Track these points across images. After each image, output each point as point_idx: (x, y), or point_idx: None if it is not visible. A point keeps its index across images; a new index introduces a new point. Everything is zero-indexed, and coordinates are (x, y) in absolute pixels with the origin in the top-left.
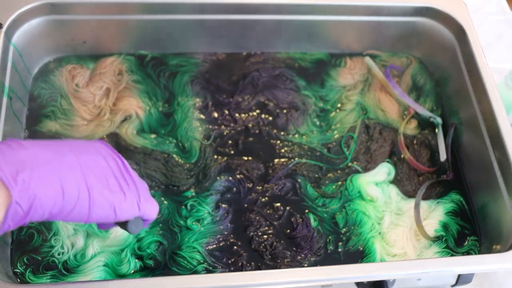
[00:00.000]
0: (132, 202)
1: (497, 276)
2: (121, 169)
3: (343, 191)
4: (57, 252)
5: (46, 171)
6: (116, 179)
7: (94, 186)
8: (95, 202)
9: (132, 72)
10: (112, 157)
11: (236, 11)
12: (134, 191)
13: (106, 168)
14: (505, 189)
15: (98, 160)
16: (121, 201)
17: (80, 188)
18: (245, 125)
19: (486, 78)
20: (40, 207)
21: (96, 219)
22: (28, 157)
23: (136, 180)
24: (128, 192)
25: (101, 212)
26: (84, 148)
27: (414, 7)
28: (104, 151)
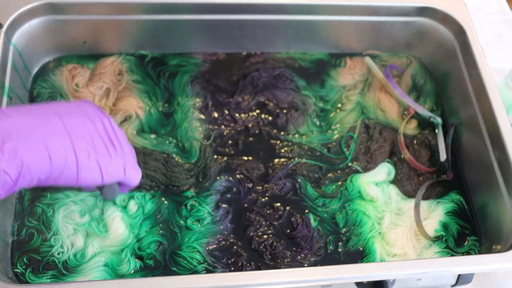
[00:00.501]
0: (118, 165)
1: (497, 276)
2: (108, 131)
3: (343, 191)
4: (57, 252)
5: (32, 138)
6: (103, 142)
7: (81, 150)
8: (82, 166)
9: (132, 72)
10: (99, 118)
11: (236, 11)
12: (121, 154)
13: (93, 130)
14: (505, 189)
15: (85, 123)
16: (107, 164)
17: (67, 152)
18: (245, 125)
19: (486, 78)
20: (28, 174)
21: (84, 182)
22: (13, 125)
23: (123, 143)
24: (115, 155)
25: (88, 175)
26: (70, 111)
27: (414, 7)
28: (91, 112)
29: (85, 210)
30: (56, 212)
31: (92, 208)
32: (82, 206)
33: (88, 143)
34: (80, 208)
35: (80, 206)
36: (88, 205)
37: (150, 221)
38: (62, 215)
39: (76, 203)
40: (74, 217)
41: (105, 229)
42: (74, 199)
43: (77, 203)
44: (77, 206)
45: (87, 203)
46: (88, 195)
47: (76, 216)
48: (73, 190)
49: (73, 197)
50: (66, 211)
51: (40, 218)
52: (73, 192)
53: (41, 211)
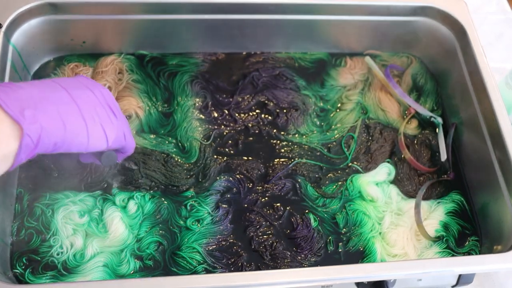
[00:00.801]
0: (119, 131)
1: (498, 276)
2: (107, 100)
3: (343, 191)
4: (56, 252)
5: (46, 106)
6: (105, 110)
7: (88, 117)
8: (91, 132)
9: (132, 72)
10: (98, 89)
11: (236, 11)
12: (122, 121)
13: (94, 100)
14: (506, 189)
15: (87, 93)
16: (111, 130)
17: (78, 120)
18: (245, 125)
19: (486, 78)
20: (47, 138)
21: (93, 148)
22: (28, 95)
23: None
24: (116, 122)
25: (96, 141)
26: (72, 84)
27: (414, 7)
28: (90, 84)
29: (84, 210)
30: (55, 213)
31: (91, 208)
32: (81, 206)
33: (92, 111)
34: (80, 208)
35: (80, 207)
36: (88, 205)
37: (149, 221)
38: (62, 216)
39: (75, 203)
40: (73, 218)
41: (105, 230)
42: (73, 199)
43: (76, 203)
44: (77, 206)
45: (87, 203)
46: (88, 195)
47: (76, 216)
48: (72, 191)
49: (73, 197)
50: (66, 211)
51: (40, 219)
52: (72, 193)
53: (41, 211)
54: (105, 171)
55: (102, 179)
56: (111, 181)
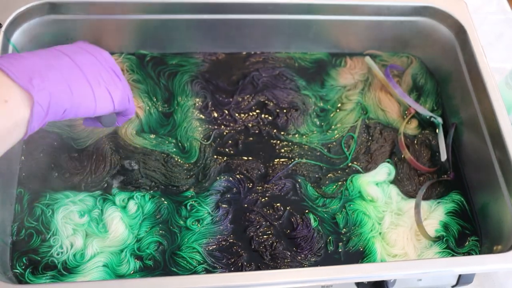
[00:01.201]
0: (124, 93)
1: (498, 276)
2: (109, 63)
3: (343, 191)
4: (56, 252)
5: (51, 74)
6: (108, 73)
7: (93, 81)
8: (97, 95)
9: (133, 72)
10: (100, 53)
11: (236, 11)
12: (125, 83)
13: (97, 64)
14: (506, 189)
15: (90, 58)
16: (116, 92)
17: (83, 84)
18: (245, 125)
19: (486, 78)
20: (56, 104)
21: (100, 111)
22: (33, 64)
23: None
24: (120, 85)
25: (103, 104)
26: (74, 50)
27: (414, 7)
28: (91, 49)
29: (84, 210)
30: (55, 213)
31: (91, 208)
32: (81, 206)
33: (97, 75)
34: (80, 208)
35: (80, 207)
36: (88, 205)
37: (149, 221)
38: (62, 215)
39: (75, 203)
40: (73, 217)
41: (105, 230)
42: (73, 199)
43: (76, 203)
44: (77, 206)
45: (87, 203)
46: (88, 195)
47: (76, 216)
48: (72, 191)
49: (73, 197)
50: (66, 211)
51: (39, 219)
52: (72, 193)
53: (40, 211)
54: (105, 170)
55: (102, 179)
56: (111, 181)
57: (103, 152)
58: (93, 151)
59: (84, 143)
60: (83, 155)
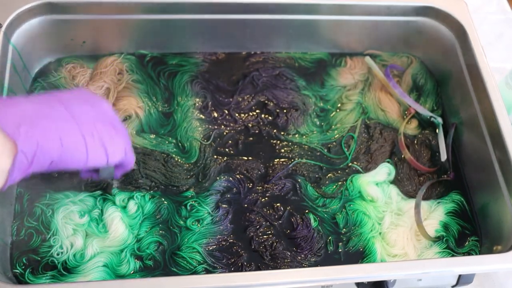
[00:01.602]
0: (119, 145)
1: (498, 276)
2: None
3: (344, 191)
4: (56, 252)
5: (43, 123)
6: (104, 125)
7: (87, 133)
8: (89, 148)
9: (133, 72)
10: (98, 103)
11: (236, 11)
12: (121, 135)
13: (93, 115)
14: (506, 189)
15: (86, 108)
16: (110, 144)
17: (76, 136)
18: (245, 125)
19: (486, 78)
20: (42, 155)
21: (92, 164)
22: (24, 111)
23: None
24: (116, 137)
25: (95, 157)
26: (70, 99)
27: (414, 7)
28: (89, 98)
29: (84, 210)
30: (55, 213)
31: (91, 208)
32: (81, 207)
33: (91, 127)
34: (80, 208)
35: (80, 207)
36: (88, 205)
37: (149, 221)
38: (62, 216)
39: (75, 203)
40: (73, 218)
41: (105, 230)
42: (73, 199)
43: (76, 203)
44: (77, 206)
45: (87, 204)
46: (88, 195)
47: (76, 216)
48: (72, 191)
49: (73, 197)
50: (66, 211)
51: (39, 219)
52: (72, 193)
53: (40, 211)
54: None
55: (102, 179)
56: (111, 181)
57: None
58: None
59: None
60: None
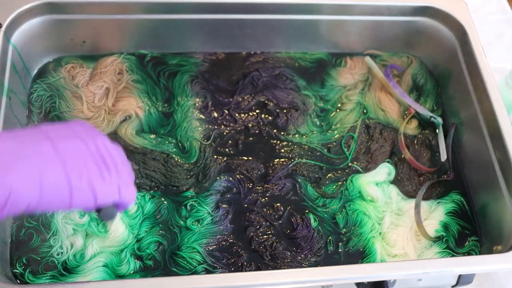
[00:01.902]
0: (112, 186)
1: (498, 277)
2: (101, 151)
3: (343, 191)
4: (56, 252)
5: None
6: (96, 163)
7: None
8: (75, 189)
9: (132, 72)
10: (92, 139)
11: (236, 10)
12: (115, 174)
13: (84, 152)
14: (506, 189)
15: (76, 145)
16: (101, 186)
17: (59, 176)
18: (245, 125)
19: (486, 78)
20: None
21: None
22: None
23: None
24: (108, 176)
25: (81, 199)
26: (60, 133)
27: (414, 7)
28: (83, 133)
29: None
30: (55, 213)
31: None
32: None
33: (80, 165)
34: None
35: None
36: None
37: (149, 221)
38: (62, 216)
39: None
40: (73, 218)
41: (105, 230)
42: None
43: None
44: None
45: None
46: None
47: (76, 216)
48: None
49: None
50: (66, 211)
51: (39, 219)
52: None
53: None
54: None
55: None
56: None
57: None
58: None
59: None
60: None
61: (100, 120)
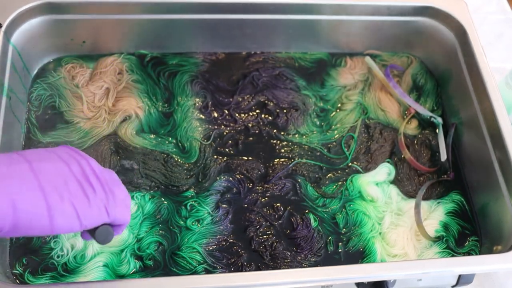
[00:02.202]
0: (98, 207)
1: (498, 277)
2: (85, 172)
3: (343, 191)
4: (56, 255)
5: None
6: (79, 184)
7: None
8: (55, 211)
9: (132, 72)
10: (76, 161)
11: (236, 10)
12: (102, 195)
13: (67, 173)
14: (506, 189)
15: (58, 167)
16: (85, 207)
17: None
18: (245, 125)
19: (486, 78)
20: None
21: (60, 229)
22: None
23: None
24: (93, 197)
25: (63, 221)
26: (41, 156)
27: (414, 7)
28: (66, 155)
29: None
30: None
31: None
32: None
33: (61, 187)
34: None
35: None
36: None
37: (149, 221)
38: None
39: None
40: None
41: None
42: None
43: None
44: None
45: None
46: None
47: None
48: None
49: None
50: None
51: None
52: None
53: None
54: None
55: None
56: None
57: (103, 152)
58: (92, 151)
59: (83, 144)
60: None
61: (100, 120)
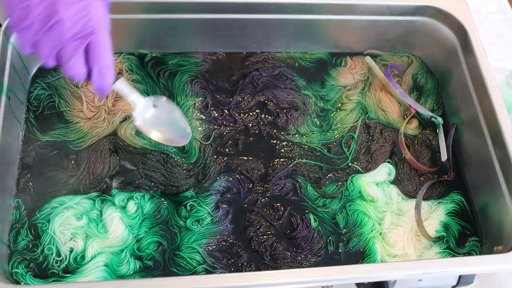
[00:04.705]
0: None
1: (498, 277)
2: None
3: (344, 192)
4: (55, 261)
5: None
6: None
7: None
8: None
9: (132, 72)
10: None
11: (236, 10)
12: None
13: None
14: (506, 189)
15: None
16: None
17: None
18: (245, 125)
19: (487, 78)
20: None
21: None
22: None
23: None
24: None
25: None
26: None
27: (415, 6)
28: None
29: (81, 212)
30: (51, 222)
31: (89, 209)
32: (77, 210)
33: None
34: (75, 212)
35: (75, 210)
36: (85, 207)
37: (149, 222)
38: (58, 224)
39: (69, 208)
40: (71, 222)
41: (105, 230)
42: (68, 204)
43: (71, 207)
44: (72, 210)
45: (83, 206)
46: (84, 197)
47: (73, 220)
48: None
49: (68, 202)
50: (61, 218)
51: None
52: (67, 197)
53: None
54: (104, 171)
55: (101, 180)
56: (110, 181)
57: (102, 153)
58: (92, 151)
59: (83, 144)
60: (81, 156)
61: (100, 120)
